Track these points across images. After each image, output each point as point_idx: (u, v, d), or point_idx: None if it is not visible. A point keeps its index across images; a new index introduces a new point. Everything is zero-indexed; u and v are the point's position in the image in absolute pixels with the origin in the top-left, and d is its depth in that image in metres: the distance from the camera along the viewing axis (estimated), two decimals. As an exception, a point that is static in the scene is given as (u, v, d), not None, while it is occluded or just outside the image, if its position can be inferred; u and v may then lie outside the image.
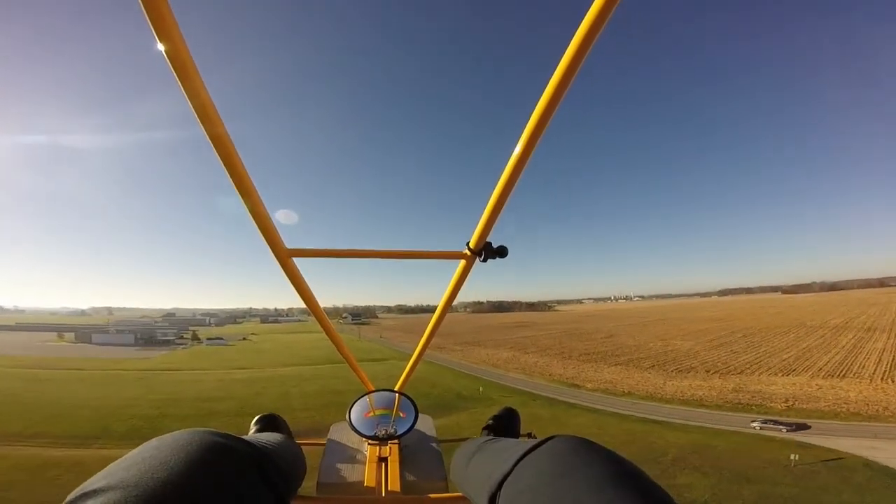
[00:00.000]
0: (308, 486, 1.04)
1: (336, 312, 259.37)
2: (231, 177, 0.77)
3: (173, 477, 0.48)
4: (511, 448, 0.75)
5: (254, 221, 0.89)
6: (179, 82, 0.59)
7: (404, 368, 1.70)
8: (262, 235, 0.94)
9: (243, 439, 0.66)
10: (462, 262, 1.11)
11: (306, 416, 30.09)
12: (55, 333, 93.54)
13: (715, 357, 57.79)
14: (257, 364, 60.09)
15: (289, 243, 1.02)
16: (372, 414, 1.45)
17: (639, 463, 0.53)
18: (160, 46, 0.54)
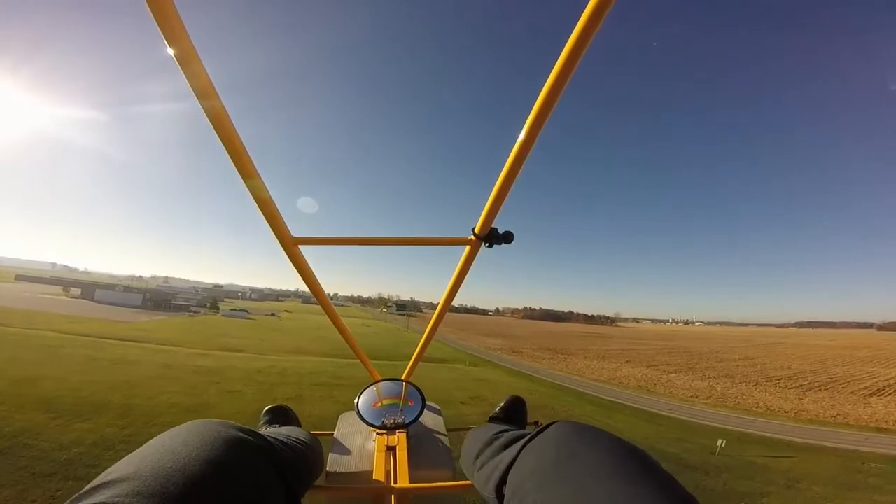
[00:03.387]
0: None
1: (381, 301, 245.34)
2: (235, 164, 0.73)
3: (187, 468, 0.48)
4: (516, 435, 0.75)
5: (259, 209, 0.85)
6: (186, 79, 0.57)
7: (411, 357, 1.61)
8: (267, 223, 0.90)
9: (257, 432, 0.65)
10: (467, 248, 1.04)
11: None
12: (61, 287, 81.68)
13: None
14: (257, 347, 39.95)
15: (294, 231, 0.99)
16: (380, 404, 1.43)
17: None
18: (169, 51, 0.53)
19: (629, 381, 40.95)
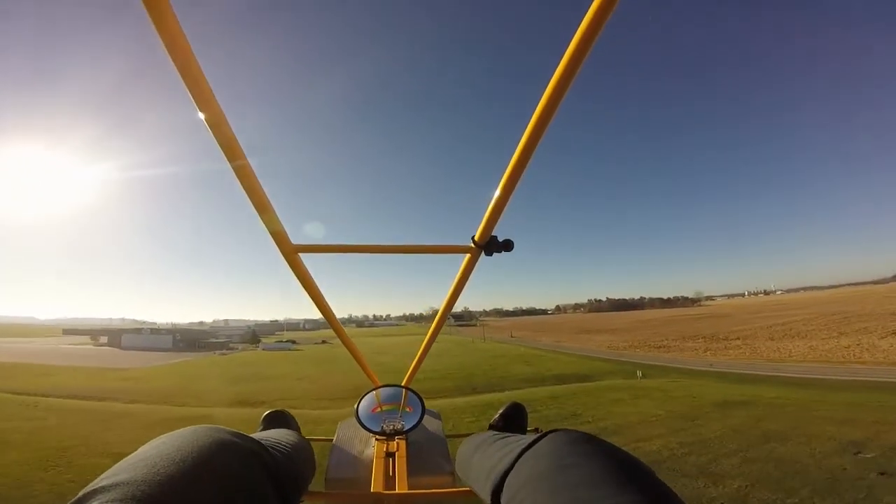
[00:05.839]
0: (316, 481, 1.07)
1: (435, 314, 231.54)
2: (235, 171, 0.71)
3: (180, 473, 0.48)
4: (514, 442, 0.75)
5: (259, 217, 0.83)
6: (186, 86, 0.54)
7: (410, 364, 1.64)
8: (267, 232, 0.89)
9: (250, 437, 0.65)
10: (467, 257, 1.04)
11: None
12: (89, 336, 75.22)
13: None
14: (291, 390, 25.55)
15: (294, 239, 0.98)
16: (379, 409, 1.45)
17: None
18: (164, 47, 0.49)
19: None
